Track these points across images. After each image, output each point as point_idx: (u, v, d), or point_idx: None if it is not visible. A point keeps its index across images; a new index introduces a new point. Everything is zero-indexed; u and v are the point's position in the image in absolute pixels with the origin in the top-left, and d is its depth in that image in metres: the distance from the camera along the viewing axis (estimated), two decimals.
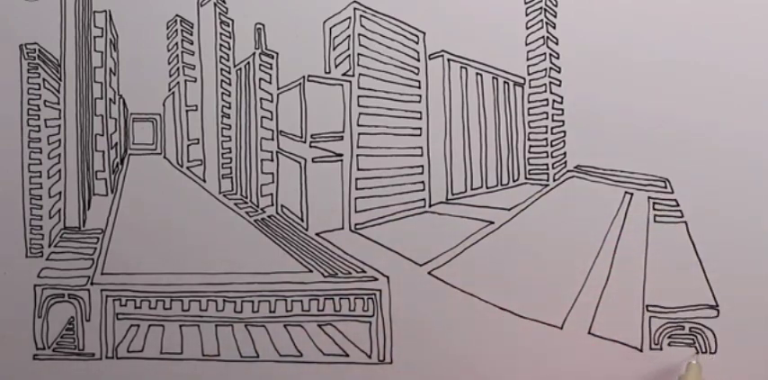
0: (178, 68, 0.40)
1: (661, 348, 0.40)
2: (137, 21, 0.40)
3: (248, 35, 0.40)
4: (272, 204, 0.39)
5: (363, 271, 0.38)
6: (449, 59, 0.38)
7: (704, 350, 0.38)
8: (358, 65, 0.39)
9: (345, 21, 0.39)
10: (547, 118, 0.37)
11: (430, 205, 0.38)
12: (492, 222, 0.38)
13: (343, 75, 0.39)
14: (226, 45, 0.40)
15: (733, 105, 0.37)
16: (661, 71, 0.37)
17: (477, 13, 0.38)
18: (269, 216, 0.39)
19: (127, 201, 0.40)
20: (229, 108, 0.40)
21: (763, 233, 0.36)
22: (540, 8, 0.38)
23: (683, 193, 0.36)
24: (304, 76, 0.39)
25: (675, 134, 0.37)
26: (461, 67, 0.38)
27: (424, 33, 0.38)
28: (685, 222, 0.37)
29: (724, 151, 0.37)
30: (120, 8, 0.40)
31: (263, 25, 0.39)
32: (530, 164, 0.37)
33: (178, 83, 0.40)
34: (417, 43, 0.38)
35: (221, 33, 0.40)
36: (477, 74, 0.38)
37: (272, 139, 0.39)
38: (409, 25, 0.38)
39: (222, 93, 0.40)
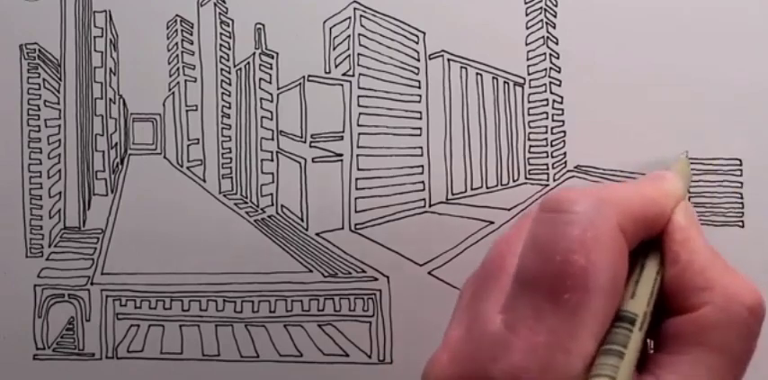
0: (178, 68, 0.40)
1: None
2: (137, 21, 0.40)
3: (248, 35, 0.40)
4: (272, 204, 0.39)
5: (363, 271, 0.38)
6: (449, 59, 0.38)
7: None
8: (358, 65, 0.39)
9: (345, 21, 0.39)
10: (547, 118, 0.37)
11: (430, 205, 0.38)
12: (492, 222, 0.38)
13: (343, 75, 0.39)
14: (226, 45, 0.40)
15: (734, 105, 0.37)
16: (661, 72, 0.37)
17: (477, 13, 0.38)
18: (269, 216, 0.39)
19: (127, 201, 0.40)
20: (229, 108, 0.40)
21: (766, 233, 0.36)
22: (540, 8, 0.37)
23: None
24: (304, 76, 0.39)
25: (675, 135, 0.37)
26: (461, 68, 0.38)
27: (424, 33, 0.38)
28: None
29: (724, 151, 0.37)
30: (120, 8, 0.40)
31: (263, 25, 0.39)
32: (530, 164, 0.37)
33: (178, 83, 0.40)
34: (417, 43, 0.38)
35: (221, 33, 0.40)
36: (477, 74, 0.38)
37: (272, 139, 0.39)
38: (409, 25, 0.38)
39: (222, 93, 0.40)
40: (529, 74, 0.38)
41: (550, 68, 0.37)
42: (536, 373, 0.26)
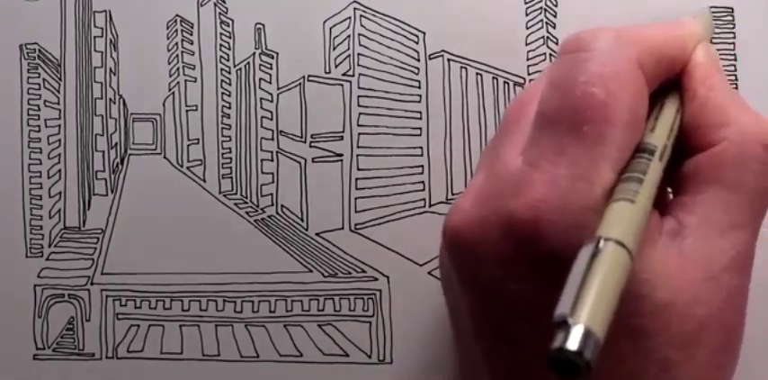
0: (178, 68, 0.40)
1: None
2: (137, 21, 0.40)
3: (248, 35, 0.40)
4: (272, 204, 0.39)
5: (363, 271, 0.38)
6: (449, 59, 0.38)
7: None
8: (358, 65, 0.39)
9: (345, 21, 0.39)
10: None
11: (430, 205, 0.38)
12: None
13: (343, 75, 0.39)
14: (226, 45, 0.40)
15: None
16: None
17: (477, 14, 0.38)
18: (269, 216, 0.39)
19: (127, 201, 0.40)
20: (229, 108, 0.40)
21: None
22: (540, 8, 0.38)
23: None
24: (304, 76, 0.39)
25: None
26: (461, 68, 0.38)
27: (424, 33, 0.38)
28: None
29: None
30: (120, 8, 0.40)
31: (263, 25, 0.39)
32: None
33: (178, 83, 0.40)
34: (417, 43, 0.38)
35: (221, 33, 0.40)
36: (477, 74, 0.38)
37: (272, 139, 0.39)
38: (409, 25, 0.38)
39: (222, 93, 0.40)
40: (529, 74, 0.38)
41: None
42: (556, 203, 0.26)
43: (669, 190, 0.31)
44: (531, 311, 0.27)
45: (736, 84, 0.36)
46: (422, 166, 0.38)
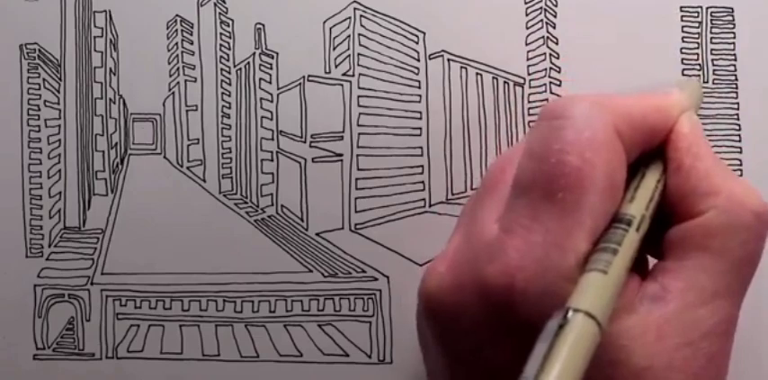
0: (178, 68, 0.40)
1: None
2: (137, 21, 0.40)
3: (248, 35, 0.40)
4: (272, 204, 0.39)
5: (363, 271, 0.39)
6: (449, 59, 0.38)
7: None
8: (358, 65, 0.39)
9: (345, 21, 0.39)
10: None
11: (430, 205, 0.38)
12: None
13: (343, 75, 0.39)
14: (226, 45, 0.40)
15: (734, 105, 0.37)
16: (660, 72, 0.37)
17: (477, 13, 0.38)
18: (269, 216, 0.39)
19: (127, 201, 0.40)
20: (229, 108, 0.40)
21: None
22: (540, 8, 0.38)
23: None
24: (304, 76, 0.39)
25: None
26: (461, 68, 0.38)
27: (424, 33, 0.38)
28: None
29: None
30: (120, 8, 0.40)
31: (263, 25, 0.39)
32: None
33: (178, 83, 0.40)
34: (417, 43, 0.38)
35: (221, 33, 0.40)
36: (477, 74, 0.38)
37: (272, 139, 0.39)
38: (409, 25, 0.38)
39: (222, 93, 0.40)
40: (529, 74, 0.38)
41: (550, 68, 0.37)
42: (530, 271, 0.26)
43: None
44: (504, 377, 0.26)
45: (736, 84, 0.37)
46: (422, 166, 0.38)
